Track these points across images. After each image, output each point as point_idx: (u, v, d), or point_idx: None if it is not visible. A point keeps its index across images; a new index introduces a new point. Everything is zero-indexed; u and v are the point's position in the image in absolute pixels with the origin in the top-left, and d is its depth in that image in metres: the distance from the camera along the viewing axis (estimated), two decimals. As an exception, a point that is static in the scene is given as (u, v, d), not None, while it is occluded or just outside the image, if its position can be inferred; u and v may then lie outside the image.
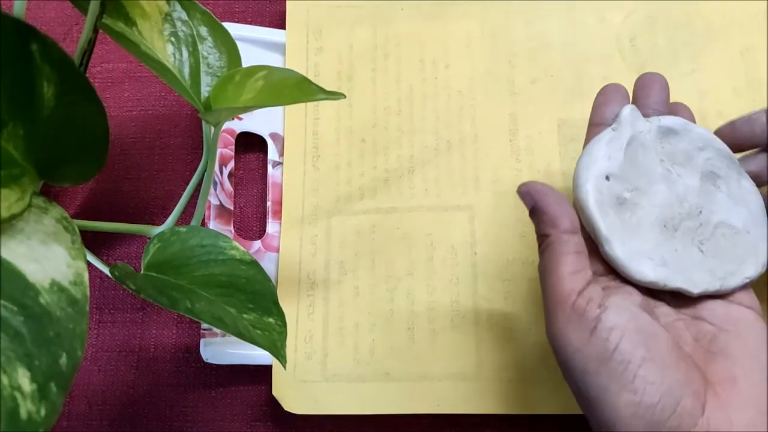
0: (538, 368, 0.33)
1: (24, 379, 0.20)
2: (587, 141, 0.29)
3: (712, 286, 0.26)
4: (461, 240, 0.35)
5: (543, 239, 0.26)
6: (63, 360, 0.21)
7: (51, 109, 0.23)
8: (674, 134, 0.28)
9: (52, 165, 0.24)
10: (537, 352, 0.33)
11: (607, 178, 0.27)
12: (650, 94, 0.30)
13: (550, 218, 0.25)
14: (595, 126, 0.29)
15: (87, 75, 0.25)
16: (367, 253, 0.36)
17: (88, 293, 0.23)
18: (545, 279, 0.25)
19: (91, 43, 0.27)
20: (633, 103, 0.30)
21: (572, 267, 0.25)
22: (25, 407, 0.20)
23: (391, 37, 0.39)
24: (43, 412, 0.20)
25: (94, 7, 0.27)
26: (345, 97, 0.25)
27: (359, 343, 0.34)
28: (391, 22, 0.39)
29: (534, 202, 0.26)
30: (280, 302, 0.29)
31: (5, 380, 0.20)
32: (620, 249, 0.26)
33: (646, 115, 0.29)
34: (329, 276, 0.35)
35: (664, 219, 0.27)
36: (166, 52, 0.30)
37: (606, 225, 0.26)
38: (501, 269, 0.35)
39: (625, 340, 0.23)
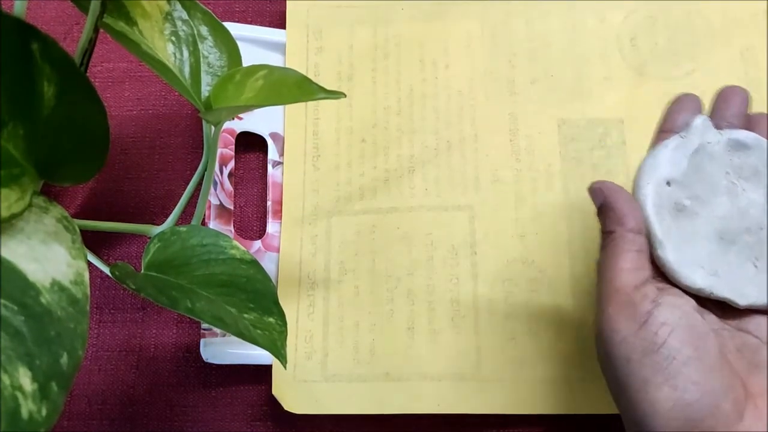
0: (538, 368, 0.33)
1: (25, 379, 0.20)
2: (653, 146, 0.29)
3: (761, 300, 0.26)
4: (461, 240, 0.35)
5: (607, 235, 0.26)
6: (64, 359, 0.21)
7: (51, 108, 0.23)
8: (745, 148, 0.28)
9: (52, 165, 0.24)
10: (537, 352, 0.34)
11: (668, 183, 0.27)
12: (729, 107, 0.30)
13: (618, 215, 0.26)
14: (664, 132, 0.29)
15: (87, 74, 0.25)
16: (367, 253, 0.36)
17: (89, 293, 0.23)
18: (603, 272, 0.26)
19: (91, 43, 0.27)
20: (710, 114, 0.30)
21: (632, 264, 0.25)
22: (26, 407, 0.20)
23: (391, 37, 0.39)
24: (44, 411, 0.20)
25: (94, 6, 0.27)
26: (345, 96, 0.25)
27: (359, 343, 0.34)
28: (391, 22, 0.39)
29: (604, 199, 0.27)
30: (280, 302, 0.29)
31: (6, 380, 0.20)
32: (672, 254, 0.26)
33: (719, 128, 0.29)
34: (329, 276, 0.35)
35: (722, 231, 0.27)
36: (167, 52, 0.30)
37: (661, 229, 0.26)
38: (501, 269, 0.35)
39: (673, 337, 0.23)
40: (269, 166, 0.38)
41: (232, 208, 0.37)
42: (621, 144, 0.36)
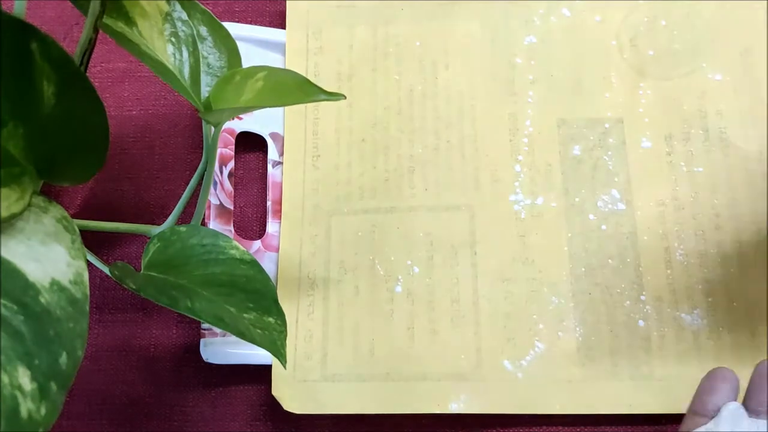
0: (538, 368, 0.33)
1: (24, 378, 0.20)
2: (683, 429, 0.28)
3: None
4: (461, 240, 0.35)
5: None
6: (63, 359, 0.21)
7: (51, 108, 0.23)
8: None
9: (52, 164, 0.24)
10: (536, 352, 0.33)
11: None
12: (766, 390, 0.27)
13: None
14: (695, 415, 0.27)
15: (87, 74, 0.25)
16: (367, 253, 0.36)
17: (88, 293, 0.23)
18: None
19: (91, 43, 0.27)
20: (746, 394, 0.28)
21: None
22: (26, 406, 0.20)
23: (391, 37, 0.39)
24: (43, 411, 0.20)
25: (94, 6, 0.27)
26: (345, 97, 0.25)
27: (359, 343, 0.34)
28: (391, 22, 0.39)
29: None
30: (280, 302, 0.29)
31: (5, 379, 0.20)
32: None
33: (755, 412, 0.27)
34: (329, 276, 0.35)
35: None
36: (166, 52, 0.30)
37: None
38: (501, 269, 0.35)
39: None
40: (269, 166, 0.38)
41: (231, 208, 0.37)
42: (621, 144, 0.36)
